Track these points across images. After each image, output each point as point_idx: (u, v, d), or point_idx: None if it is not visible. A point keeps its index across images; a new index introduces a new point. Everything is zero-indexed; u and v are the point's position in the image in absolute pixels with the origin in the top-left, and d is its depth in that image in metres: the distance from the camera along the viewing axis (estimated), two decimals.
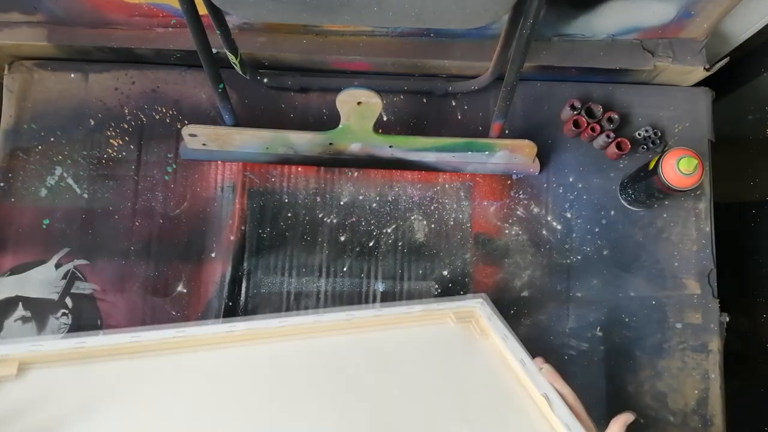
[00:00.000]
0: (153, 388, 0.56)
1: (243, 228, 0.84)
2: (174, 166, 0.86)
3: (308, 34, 0.85)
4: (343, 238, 0.85)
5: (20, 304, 0.81)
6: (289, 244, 0.84)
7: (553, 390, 0.60)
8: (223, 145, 0.83)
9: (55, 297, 0.82)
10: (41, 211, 0.84)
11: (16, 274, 0.82)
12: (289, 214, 0.85)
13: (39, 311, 0.81)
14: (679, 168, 0.71)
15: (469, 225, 0.85)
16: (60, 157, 0.85)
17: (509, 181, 0.86)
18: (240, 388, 0.57)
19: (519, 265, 0.85)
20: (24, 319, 0.81)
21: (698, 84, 0.89)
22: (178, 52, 0.84)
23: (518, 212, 0.85)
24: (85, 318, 0.81)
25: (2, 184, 0.84)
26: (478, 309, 0.71)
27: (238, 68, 0.80)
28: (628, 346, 0.82)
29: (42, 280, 0.82)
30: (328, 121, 0.86)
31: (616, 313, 0.83)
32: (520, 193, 0.86)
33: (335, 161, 0.86)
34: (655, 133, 0.87)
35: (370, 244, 0.85)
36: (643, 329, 0.83)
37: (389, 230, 0.85)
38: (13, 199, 0.84)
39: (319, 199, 0.85)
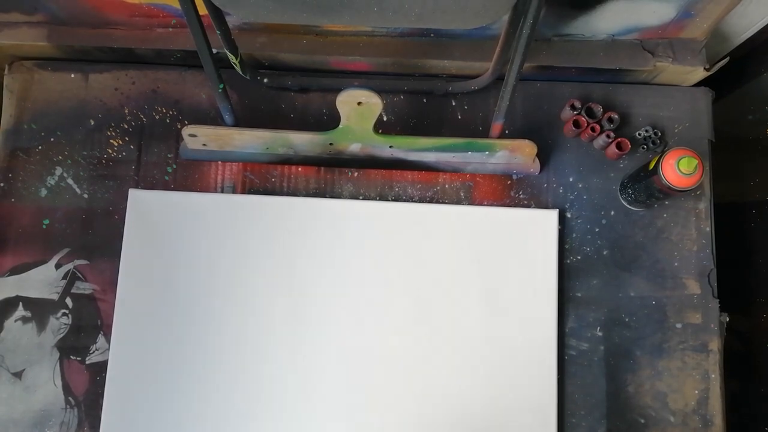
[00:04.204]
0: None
1: None
2: (174, 167, 0.86)
3: (308, 34, 0.85)
4: None
5: (20, 304, 0.81)
6: None
7: None
8: (223, 146, 0.83)
9: (56, 297, 0.82)
10: (41, 211, 0.84)
11: (16, 274, 0.82)
12: None
13: (39, 311, 0.81)
14: (679, 168, 0.71)
15: None
16: (60, 157, 0.85)
17: (509, 181, 0.86)
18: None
19: None
20: (24, 319, 0.81)
21: (698, 84, 0.89)
22: (178, 52, 0.84)
23: None
24: (86, 318, 0.81)
25: (2, 184, 0.84)
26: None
27: (238, 68, 0.80)
28: (628, 346, 0.82)
29: (42, 280, 0.82)
30: (328, 121, 0.86)
31: (616, 313, 0.83)
32: (520, 193, 0.86)
33: (335, 161, 0.86)
34: (655, 133, 0.87)
35: None
36: (643, 329, 0.83)
37: None
38: (13, 199, 0.84)
39: None
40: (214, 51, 0.71)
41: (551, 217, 0.83)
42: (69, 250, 0.83)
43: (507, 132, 0.87)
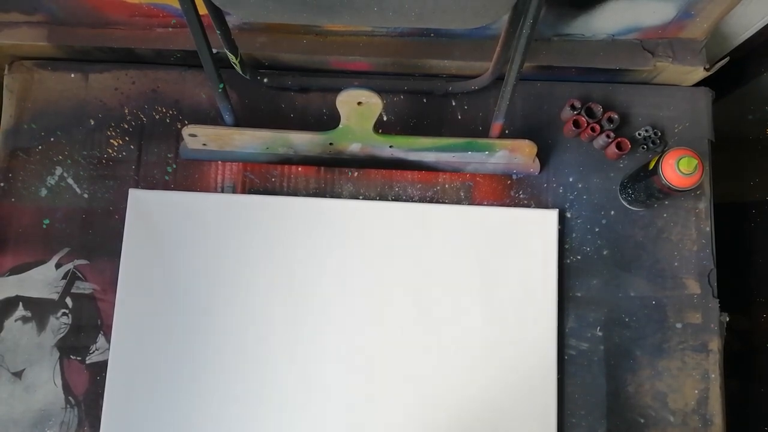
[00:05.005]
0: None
1: None
2: (174, 167, 0.86)
3: (308, 34, 0.85)
4: None
5: (20, 304, 0.81)
6: None
7: None
8: (223, 145, 0.83)
9: (56, 297, 0.82)
10: (41, 211, 0.84)
11: (17, 274, 0.82)
12: None
13: (39, 311, 0.81)
14: (679, 168, 0.71)
15: None
16: (60, 157, 0.85)
17: (509, 181, 0.86)
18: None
19: None
20: (24, 319, 0.81)
21: (698, 84, 0.89)
22: (178, 52, 0.84)
23: None
24: (86, 318, 0.81)
25: (2, 184, 0.84)
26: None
27: (238, 68, 0.80)
28: (628, 346, 0.82)
29: (42, 280, 0.82)
30: (328, 121, 0.86)
31: (616, 313, 0.83)
32: (520, 193, 0.86)
33: (335, 161, 0.86)
34: (655, 133, 0.87)
35: None
36: (643, 329, 0.83)
37: None
38: (13, 199, 0.84)
39: None
40: (214, 51, 0.71)
41: (551, 217, 0.83)
42: (69, 250, 0.83)
43: (507, 132, 0.87)
